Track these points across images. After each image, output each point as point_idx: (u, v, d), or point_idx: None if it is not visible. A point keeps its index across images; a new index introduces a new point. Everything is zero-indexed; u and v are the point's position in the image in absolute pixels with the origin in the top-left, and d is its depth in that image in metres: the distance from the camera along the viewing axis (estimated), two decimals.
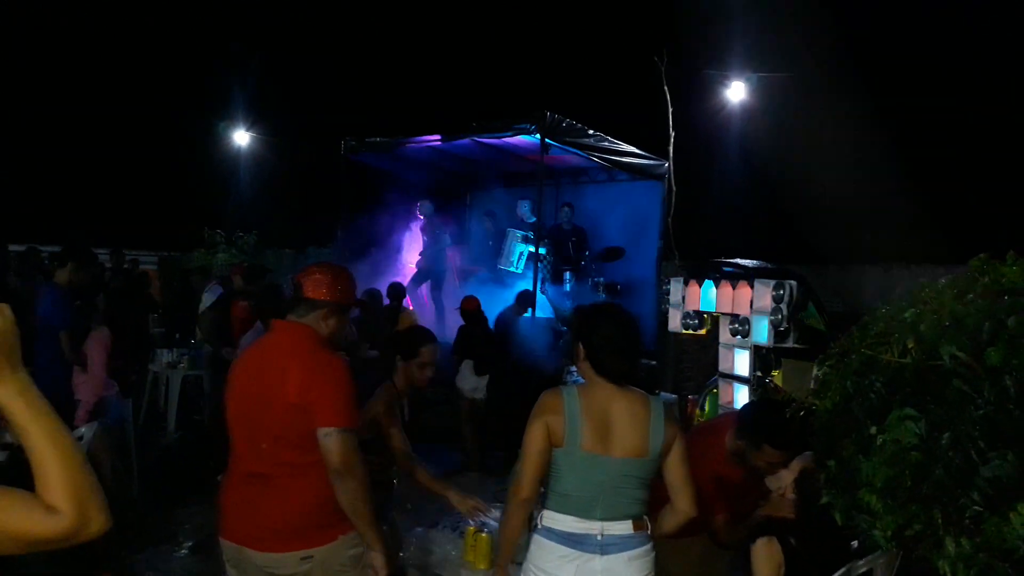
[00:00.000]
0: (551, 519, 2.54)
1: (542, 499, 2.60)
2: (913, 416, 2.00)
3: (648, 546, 2.55)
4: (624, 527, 2.51)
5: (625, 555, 2.49)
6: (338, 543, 2.59)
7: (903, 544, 2.05)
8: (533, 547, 2.57)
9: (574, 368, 3.25)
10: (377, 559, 2.59)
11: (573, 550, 2.48)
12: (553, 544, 2.50)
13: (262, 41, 18.78)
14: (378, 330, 7.30)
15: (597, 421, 2.50)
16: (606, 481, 2.50)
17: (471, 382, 7.21)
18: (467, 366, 7.23)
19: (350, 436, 2.54)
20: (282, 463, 2.56)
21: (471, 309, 7.52)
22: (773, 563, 2.61)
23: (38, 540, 1.26)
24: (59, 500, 1.26)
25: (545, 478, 2.57)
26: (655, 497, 2.95)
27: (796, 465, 2.78)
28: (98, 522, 1.29)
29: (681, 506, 2.57)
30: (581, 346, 2.59)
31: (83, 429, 4.76)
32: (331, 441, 2.50)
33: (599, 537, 2.48)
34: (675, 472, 2.57)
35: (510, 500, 2.58)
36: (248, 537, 2.59)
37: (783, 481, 2.80)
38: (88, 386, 5.00)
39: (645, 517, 2.57)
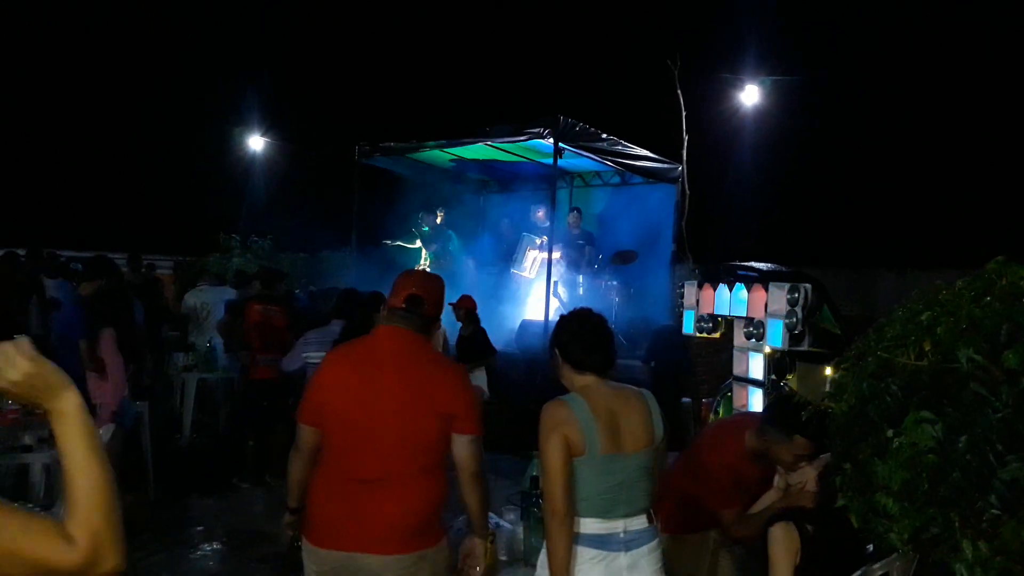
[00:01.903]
0: (576, 524, 2.51)
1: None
2: (930, 419, 1.99)
3: (660, 537, 2.63)
4: (641, 521, 2.56)
5: (646, 548, 2.55)
6: (442, 544, 2.70)
7: (920, 547, 2.04)
8: None
9: None
10: (479, 547, 2.77)
11: (600, 551, 2.49)
12: (580, 548, 2.48)
13: (276, 47, 18.93)
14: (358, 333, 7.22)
15: (607, 422, 2.52)
16: (625, 479, 2.53)
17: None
18: (480, 378, 7.00)
19: (481, 443, 2.72)
20: (418, 466, 2.63)
21: (471, 307, 7.32)
22: (791, 548, 2.61)
23: (48, 568, 1.22)
24: (78, 531, 1.23)
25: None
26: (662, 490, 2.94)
27: (820, 461, 2.77)
28: (111, 562, 1.26)
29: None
30: (557, 352, 2.66)
31: (100, 431, 4.79)
32: (472, 447, 2.66)
33: (622, 535, 2.52)
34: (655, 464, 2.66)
35: (549, 522, 2.48)
36: (369, 541, 2.57)
37: (806, 476, 2.81)
38: (108, 388, 5.03)
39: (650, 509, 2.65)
